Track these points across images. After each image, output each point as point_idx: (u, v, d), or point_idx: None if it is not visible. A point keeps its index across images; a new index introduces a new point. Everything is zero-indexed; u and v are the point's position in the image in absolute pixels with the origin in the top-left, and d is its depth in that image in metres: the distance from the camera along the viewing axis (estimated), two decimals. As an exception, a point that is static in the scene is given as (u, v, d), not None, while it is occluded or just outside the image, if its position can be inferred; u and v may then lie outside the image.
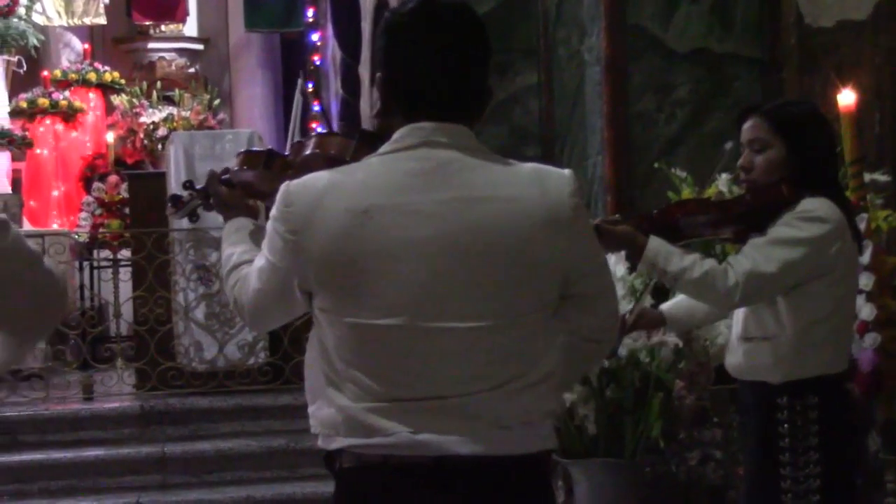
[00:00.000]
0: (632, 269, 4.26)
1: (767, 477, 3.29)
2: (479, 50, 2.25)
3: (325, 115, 8.63)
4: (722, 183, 4.76)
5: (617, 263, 4.51)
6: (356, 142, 2.42)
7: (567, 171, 2.23)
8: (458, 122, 2.22)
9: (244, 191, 2.64)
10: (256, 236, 2.53)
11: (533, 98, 6.20)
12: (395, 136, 2.21)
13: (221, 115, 11.82)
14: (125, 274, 8.09)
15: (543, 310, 2.23)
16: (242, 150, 2.73)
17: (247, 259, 2.44)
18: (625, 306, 4.40)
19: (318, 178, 2.21)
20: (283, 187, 2.22)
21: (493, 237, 2.14)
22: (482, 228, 2.14)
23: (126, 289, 7.88)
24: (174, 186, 7.28)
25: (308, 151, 2.49)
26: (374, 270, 2.14)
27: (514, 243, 2.14)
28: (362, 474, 2.23)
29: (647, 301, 4.30)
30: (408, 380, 2.17)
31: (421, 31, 2.22)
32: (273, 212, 2.24)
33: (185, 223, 7.01)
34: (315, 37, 11.98)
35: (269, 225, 2.25)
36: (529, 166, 2.22)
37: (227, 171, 2.73)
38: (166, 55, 12.97)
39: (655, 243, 3.26)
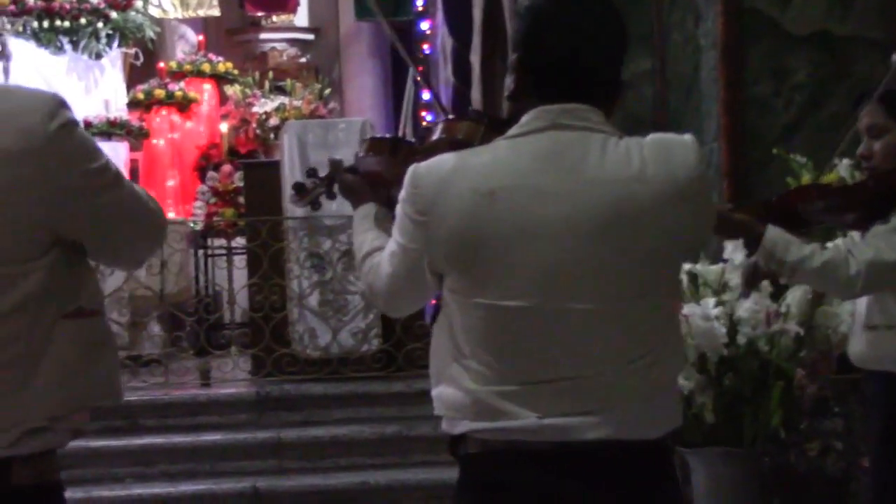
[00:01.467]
0: (749, 256, 4.20)
1: (893, 469, 3.23)
2: (614, 36, 2.26)
3: (438, 103, 8.64)
4: (843, 168, 4.66)
5: (735, 251, 4.44)
6: (484, 126, 2.43)
7: (689, 138, 2.23)
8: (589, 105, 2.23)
9: (369, 178, 2.66)
10: (385, 222, 2.55)
11: (646, 84, 6.13)
12: (523, 119, 2.23)
13: (332, 105, 11.92)
14: (240, 261, 8.21)
15: (669, 285, 2.23)
16: (367, 137, 2.74)
17: (378, 246, 2.47)
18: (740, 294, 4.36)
19: (444, 160, 2.24)
20: (410, 169, 2.25)
21: (619, 217, 2.14)
22: (609, 209, 2.14)
23: (241, 276, 8.00)
24: (288, 175, 7.36)
25: (435, 136, 2.50)
26: (502, 252, 2.15)
27: (641, 222, 2.14)
28: (487, 460, 2.24)
29: (767, 292, 4.26)
30: (535, 362, 2.18)
31: (559, 14, 2.23)
32: (402, 194, 2.26)
33: (298, 211, 7.18)
34: (425, 25, 12.01)
35: (398, 208, 2.28)
36: (652, 141, 2.21)
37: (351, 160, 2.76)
38: (278, 45, 13.11)
39: (774, 232, 3.20)
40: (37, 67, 10.50)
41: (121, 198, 2.07)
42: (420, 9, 12.07)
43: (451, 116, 2.66)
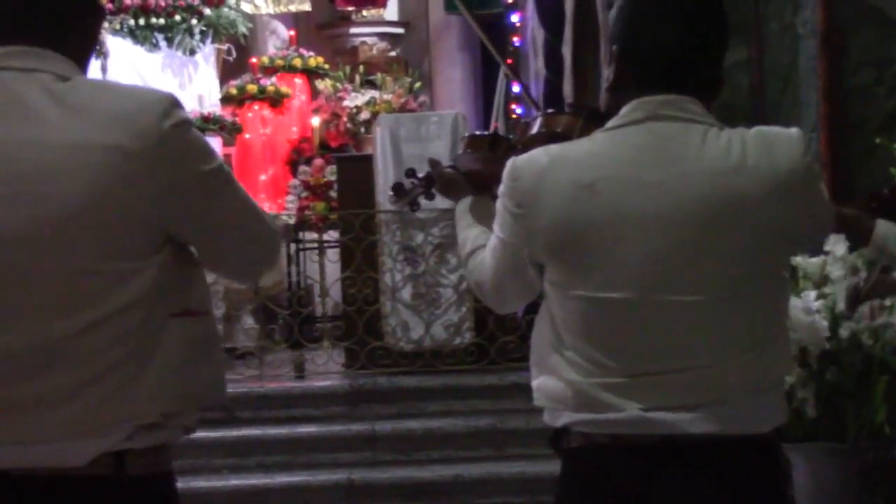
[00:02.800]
0: (851, 248, 4.13)
1: None
2: (716, 28, 2.25)
3: (528, 96, 8.59)
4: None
5: (836, 243, 4.36)
6: (583, 119, 2.42)
7: (794, 131, 2.20)
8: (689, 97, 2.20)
9: (470, 175, 2.66)
10: (486, 216, 2.55)
11: (742, 74, 6.04)
12: (623, 111, 2.22)
13: (422, 98, 11.92)
14: (332, 255, 8.26)
15: (775, 278, 2.20)
16: (466, 134, 2.74)
17: (481, 243, 2.47)
18: (845, 286, 4.27)
19: (543, 153, 2.24)
20: (509, 163, 2.25)
21: (720, 208, 2.12)
22: (709, 200, 2.11)
23: (333, 269, 8.05)
24: (381, 168, 7.39)
25: (534, 130, 2.49)
26: (602, 244, 2.14)
27: (742, 214, 2.12)
28: (590, 454, 2.23)
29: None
30: (638, 354, 2.16)
31: (660, 6, 2.23)
32: (501, 188, 2.27)
33: (390, 204, 7.19)
34: (514, 17, 11.97)
35: (498, 202, 2.28)
36: (756, 133, 2.19)
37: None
38: (368, 39, 13.17)
39: (885, 227, 3.13)
40: (133, 64, 10.66)
41: (232, 202, 2.08)
42: (509, 1, 12.03)
43: (550, 110, 2.64)
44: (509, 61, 11.15)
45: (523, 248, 2.25)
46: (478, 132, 2.88)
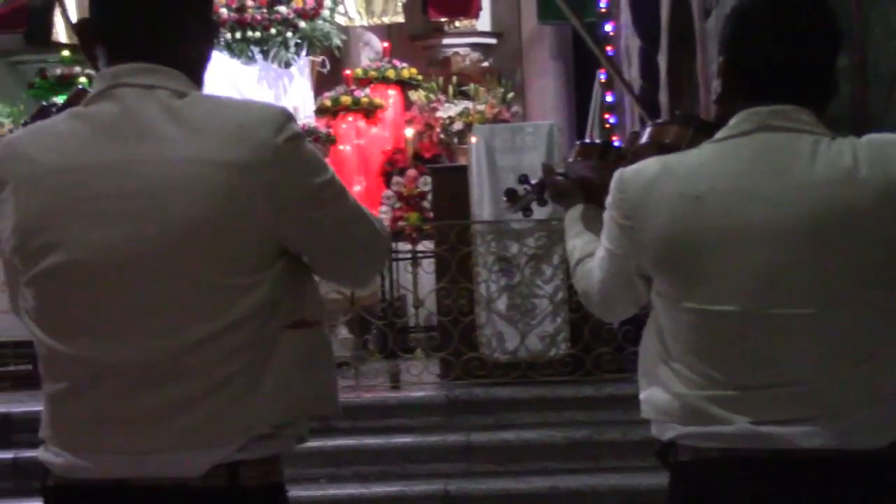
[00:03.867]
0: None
1: None
2: (827, 37, 2.21)
3: (636, 100, 8.47)
4: None
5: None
6: (692, 130, 2.40)
7: None
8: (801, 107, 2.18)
9: (580, 183, 2.66)
10: (596, 225, 2.55)
11: (844, 81, 5.94)
12: (732, 121, 2.20)
13: (515, 108, 11.94)
14: (426, 265, 8.29)
15: (888, 288, 2.16)
16: (578, 142, 2.74)
17: (590, 251, 2.47)
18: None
19: (650, 164, 2.23)
20: (616, 174, 2.25)
21: (831, 220, 2.08)
22: (820, 211, 2.08)
23: (427, 280, 8.07)
24: (476, 179, 7.40)
25: (643, 141, 2.48)
26: (711, 256, 2.12)
27: (854, 225, 2.08)
28: (699, 469, 2.20)
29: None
30: (749, 367, 2.13)
31: (768, 15, 2.20)
32: (608, 199, 2.26)
33: (486, 215, 7.20)
34: (608, 27, 11.93)
35: (606, 213, 2.27)
36: (867, 142, 2.15)
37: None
38: (461, 50, 13.21)
39: None
40: (230, 78, 10.82)
41: (345, 214, 2.10)
42: (603, 10, 11.99)
43: (659, 120, 2.63)
44: (603, 70, 11.11)
45: (631, 259, 2.24)
46: (588, 141, 2.88)
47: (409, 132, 11.51)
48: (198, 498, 1.98)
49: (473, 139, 7.62)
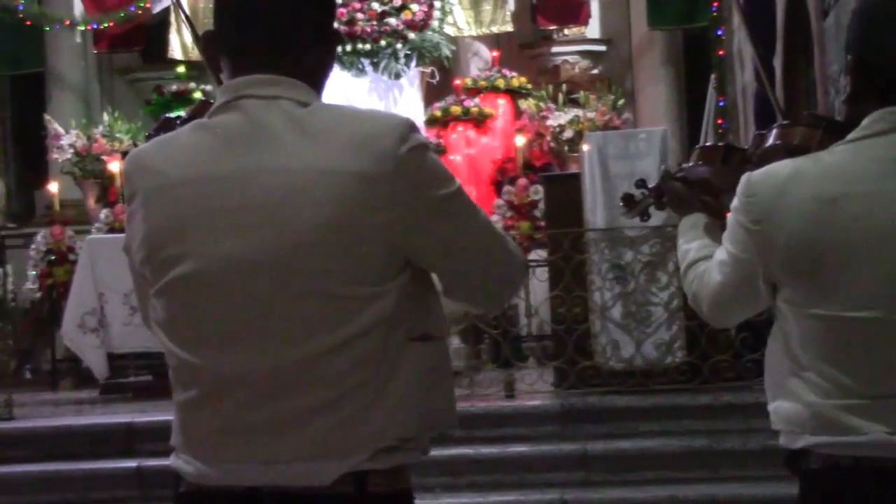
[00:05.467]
0: None
1: None
2: None
3: (776, 104, 8.22)
4: None
5: None
6: (822, 131, 2.35)
7: None
8: None
9: (700, 187, 2.63)
10: (712, 231, 2.52)
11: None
12: (865, 122, 2.15)
13: (626, 115, 11.86)
14: (540, 274, 8.26)
15: None
16: (698, 146, 2.71)
17: (704, 255, 2.43)
18: None
19: (781, 167, 2.19)
20: (744, 178, 2.21)
21: None
22: None
23: (540, 288, 8.04)
24: (588, 186, 7.37)
25: (769, 142, 2.44)
26: (845, 261, 2.08)
27: None
28: (831, 477, 2.16)
29: None
30: (883, 375, 2.09)
31: None
32: (735, 203, 2.23)
33: (599, 223, 7.16)
34: (719, 31, 11.78)
35: (731, 217, 2.24)
36: None
37: (680, 168, 2.73)
38: (570, 58, 13.16)
39: None
40: (341, 90, 10.92)
41: (471, 226, 2.07)
42: (714, 14, 11.84)
43: (784, 121, 2.58)
44: (715, 75, 10.98)
45: (757, 264, 2.20)
46: (710, 143, 2.84)
47: (520, 141, 11.50)
48: None
49: (585, 146, 7.58)
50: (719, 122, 11.06)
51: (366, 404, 1.98)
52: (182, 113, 6.22)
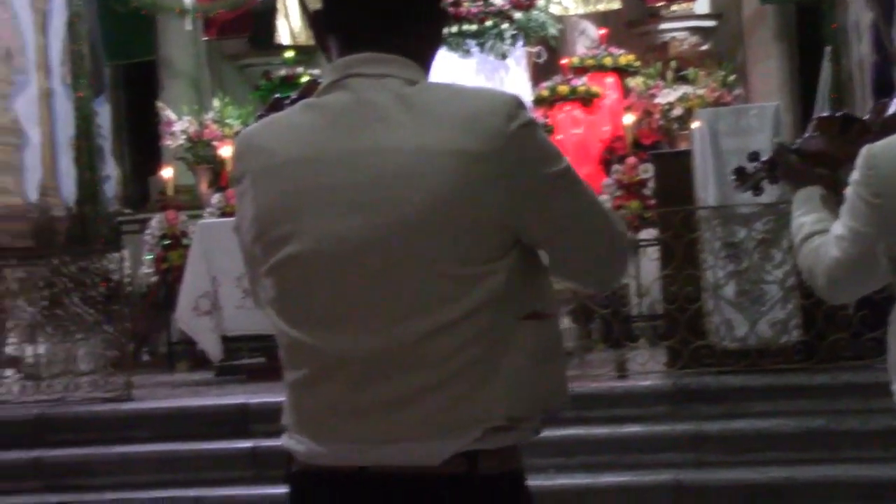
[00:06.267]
0: None
1: None
2: None
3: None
4: None
5: None
6: (950, 102, 2.27)
7: None
8: None
9: (815, 159, 2.56)
10: (828, 205, 2.45)
11: None
12: None
13: (737, 91, 11.64)
14: (651, 253, 8.18)
15: None
16: (815, 116, 2.63)
17: (819, 229, 2.37)
18: None
19: None
20: (864, 150, 2.14)
21: None
22: None
23: (650, 268, 7.95)
24: (699, 164, 7.26)
25: (891, 112, 2.36)
26: None
27: None
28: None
29: None
30: None
31: None
32: (854, 176, 2.16)
33: (711, 200, 7.05)
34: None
35: (850, 190, 2.18)
36: None
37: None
38: (678, 34, 12.97)
39: None
40: (448, 71, 10.90)
41: (580, 205, 2.05)
42: (829, -14, 11.58)
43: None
44: (830, 48, 10.73)
45: (878, 239, 2.14)
46: (827, 114, 2.76)
47: (628, 119, 11.37)
48: (438, 484, 1.98)
49: (696, 123, 7.46)
50: (833, 96, 10.82)
51: (477, 383, 1.97)
52: (292, 94, 6.24)
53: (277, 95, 4.91)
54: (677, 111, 11.32)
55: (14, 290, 8.48)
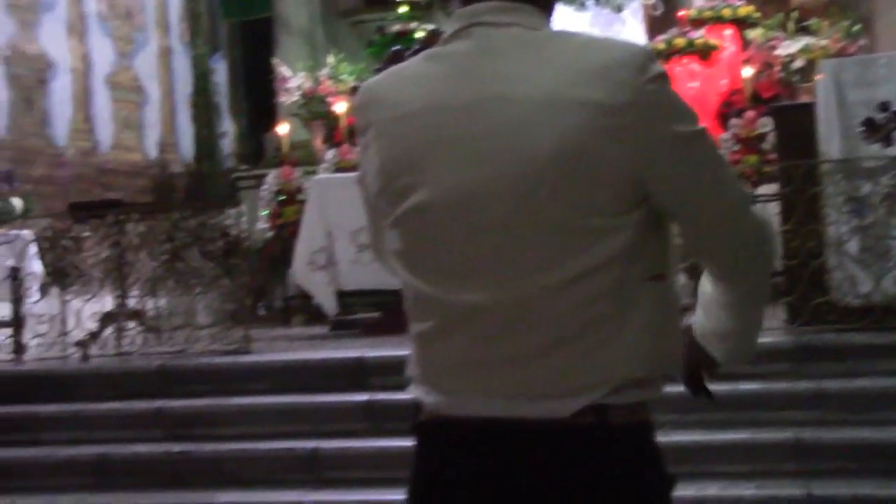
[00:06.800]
0: None
1: None
2: None
3: None
4: None
5: None
6: None
7: None
8: None
9: None
10: None
11: None
12: None
13: (862, 41, 11.33)
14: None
15: None
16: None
17: None
18: None
19: None
20: None
21: None
22: None
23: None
24: (823, 116, 7.06)
25: None
26: None
27: None
28: None
29: None
30: None
31: None
32: None
33: (834, 154, 6.87)
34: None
35: None
36: None
37: None
38: (798, -15, 12.65)
39: None
40: (563, 24, 10.80)
41: (711, 177, 1.98)
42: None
43: None
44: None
45: None
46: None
47: (747, 72, 11.14)
48: (566, 434, 1.96)
49: (820, 75, 7.26)
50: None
51: (605, 338, 1.94)
52: (414, 45, 6.20)
53: (398, 47, 4.87)
54: (798, 63, 11.08)
55: (136, 244, 8.66)
